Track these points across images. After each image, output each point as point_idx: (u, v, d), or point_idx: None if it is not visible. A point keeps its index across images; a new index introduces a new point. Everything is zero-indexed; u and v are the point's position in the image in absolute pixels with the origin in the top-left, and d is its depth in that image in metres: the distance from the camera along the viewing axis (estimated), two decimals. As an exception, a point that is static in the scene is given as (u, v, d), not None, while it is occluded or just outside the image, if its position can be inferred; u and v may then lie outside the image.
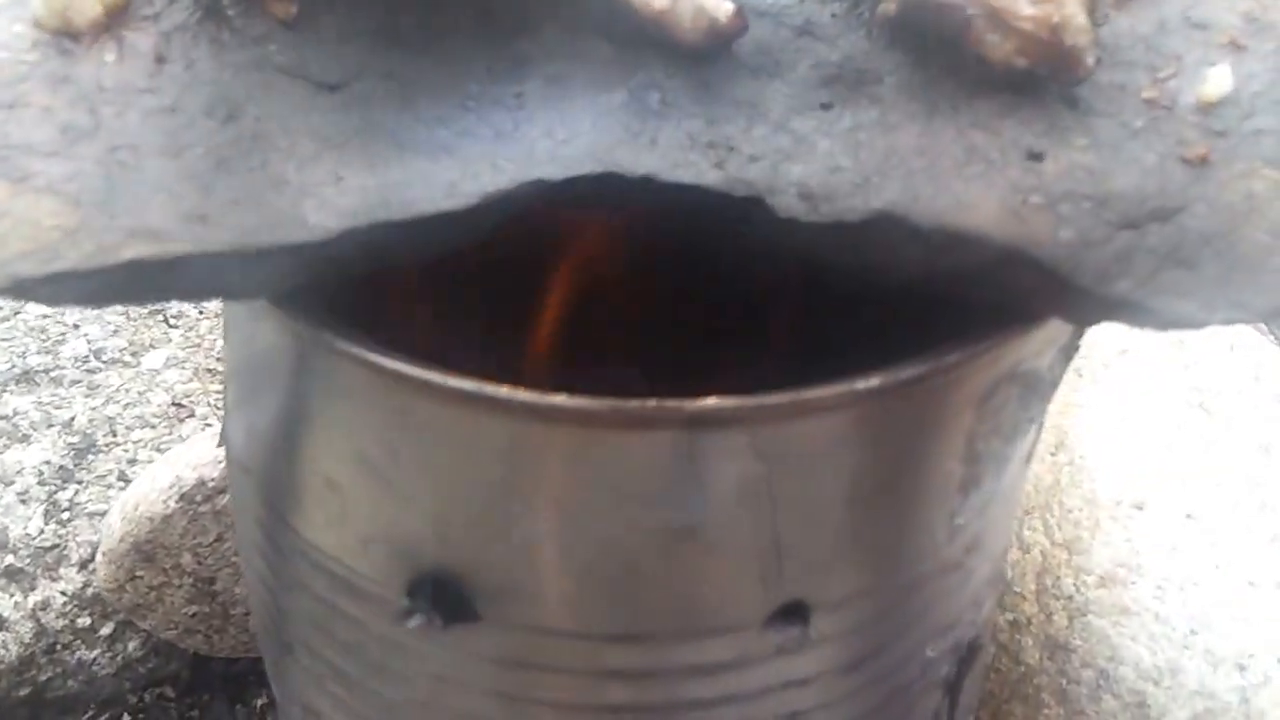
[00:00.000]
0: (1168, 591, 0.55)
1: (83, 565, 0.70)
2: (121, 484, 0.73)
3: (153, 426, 0.75)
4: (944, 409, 0.41)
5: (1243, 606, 0.54)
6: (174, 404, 0.76)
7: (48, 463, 0.74)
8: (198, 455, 0.66)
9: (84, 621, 0.69)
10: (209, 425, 0.76)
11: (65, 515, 0.72)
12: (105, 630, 0.69)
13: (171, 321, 0.84)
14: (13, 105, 0.37)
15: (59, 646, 0.68)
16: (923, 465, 0.42)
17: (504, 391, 0.34)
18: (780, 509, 0.39)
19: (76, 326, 0.81)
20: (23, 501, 0.72)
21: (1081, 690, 0.54)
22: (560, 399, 0.34)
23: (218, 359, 0.78)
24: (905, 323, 0.43)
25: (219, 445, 0.65)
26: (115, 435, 0.76)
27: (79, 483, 0.73)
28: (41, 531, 0.71)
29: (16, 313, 0.82)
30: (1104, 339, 0.68)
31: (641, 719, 0.43)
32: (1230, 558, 0.56)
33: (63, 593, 0.69)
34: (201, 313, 0.84)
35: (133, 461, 0.74)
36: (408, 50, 0.40)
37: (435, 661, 0.43)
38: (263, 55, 0.39)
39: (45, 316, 0.82)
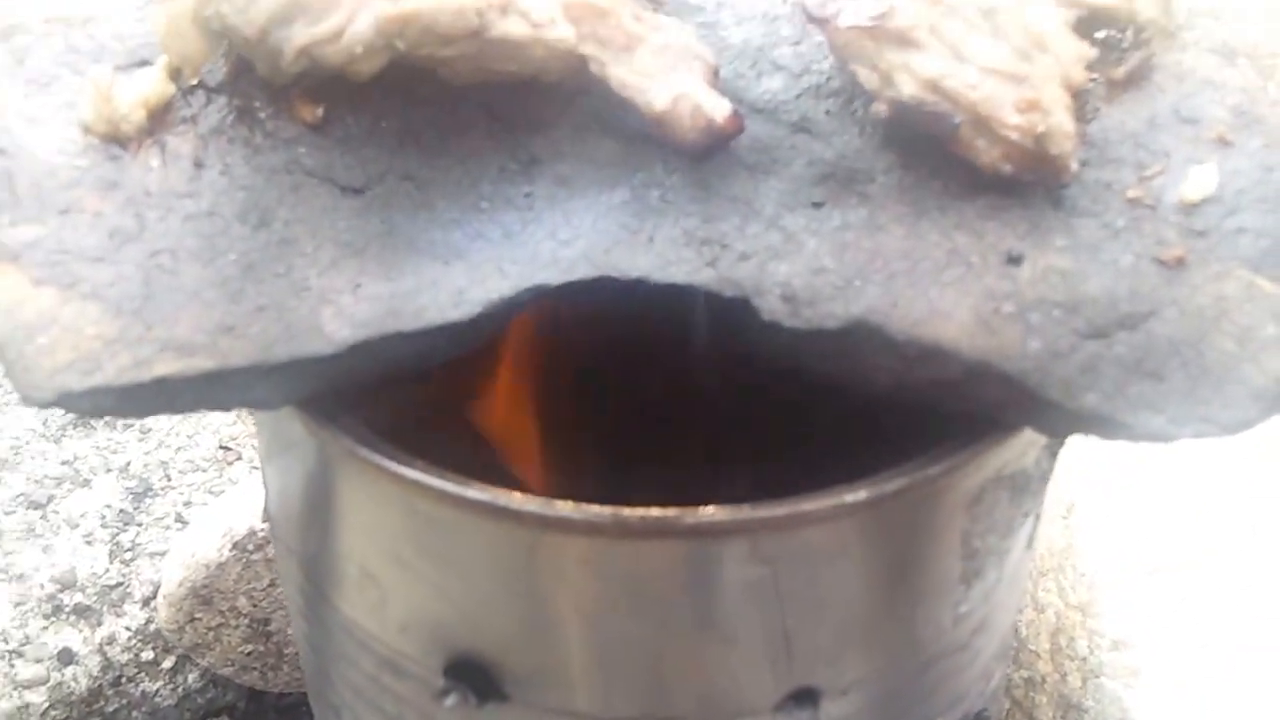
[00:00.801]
0: (1180, 656, 0.59)
1: (145, 602, 0.78)
2: (178, 525, 0.81)
3: (203, 470, 0.83)
4: (935, 514, 0.45)
5: (1256, 673, 0.58)
6: (221, 447, 0.85)
7: (109, 506, 0.83)
8: (247, 503, 0.74)
9: (147, 655, 0.77)
10: (255, 469, 0.83)
11: (128, 555, 0.80)
12: (167, 664, 0.77)
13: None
14: (67, 210, 0.43)
15: (124, 679, 0.77)
16: (922, 563, 0.47)
17: (515, 501, 0.40)
18: (787, 605, 0.44)
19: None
20: (88, 543, 0.81)
21: (1091, 751, 0.58)
22: (567, 509, 0.40)
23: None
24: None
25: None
26: (169, 479, 0.84)
27: (139, 525, 0.82)
28: (107, 570, 0.80)
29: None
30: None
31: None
32: (1243, 623, 0.59)
33: (127, 628, 0.77)
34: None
35: (188, 504, 0.83)
36: (426, 151, 0.46)
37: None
38: (292, 158, 0.45)
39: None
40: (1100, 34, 0.50)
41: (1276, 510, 0.65)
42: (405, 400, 0.49)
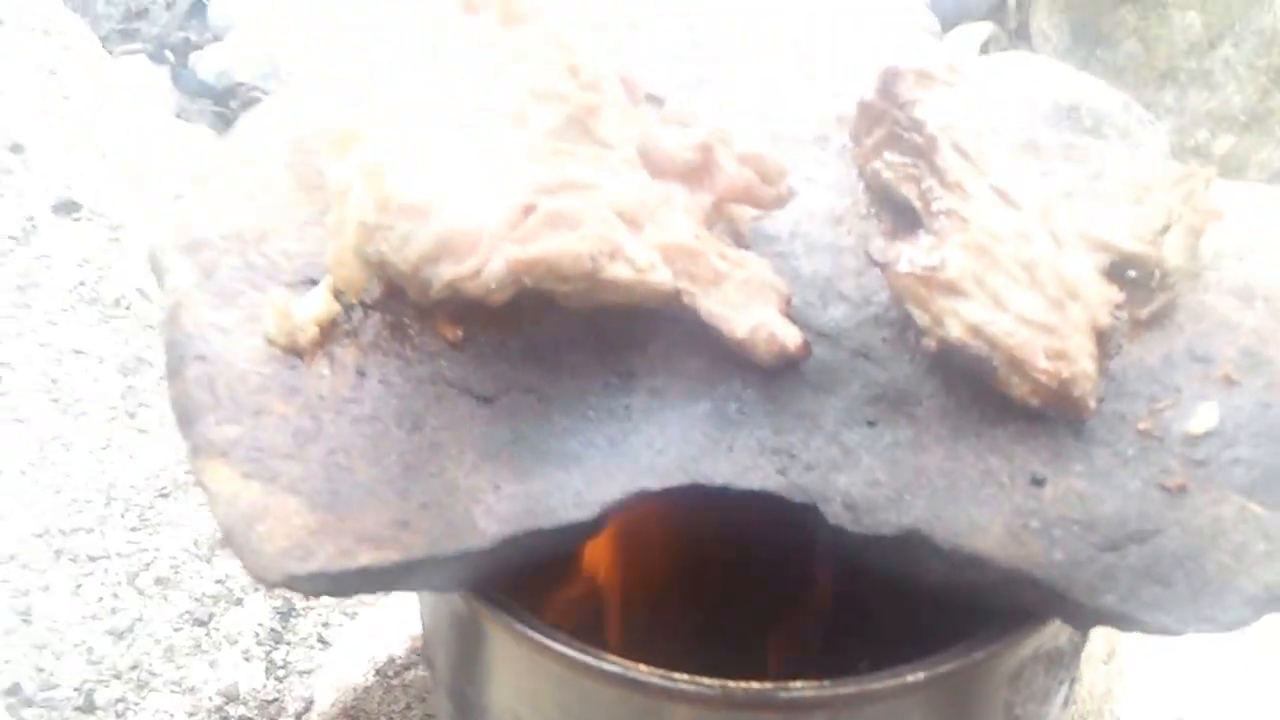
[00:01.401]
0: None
1: (297, 717, 0.91)
2: (321, 645, 0.94)
3: None
4: (982, 689, 0.55)
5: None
6: None
7: (260, 625, 0.96)
8: (383, 629, 0.88)
9: None
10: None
11: (281, 673, 0.93)
12: None
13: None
14: (259, 412, 0.55)
15: None
16: None
17: (641, 673, 0.51)
18: None
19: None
20: (246, 659, 0.94)
21: None
22: (684, 681, 0.50)
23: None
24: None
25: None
26: (309, 600, 0.97)
27: (287, 644, 0.95)
28: (264, 686, 0.93)
29: None
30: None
31: None
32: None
33: None
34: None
35: (326, 625, 0.96)
36: (545, 366, 0.57)
37: None
38: (437, 370, 0.56)
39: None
40: (1131, 273, 0.60)
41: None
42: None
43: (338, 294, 0.59)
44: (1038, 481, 0.52)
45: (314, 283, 0.60)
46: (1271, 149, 1.58)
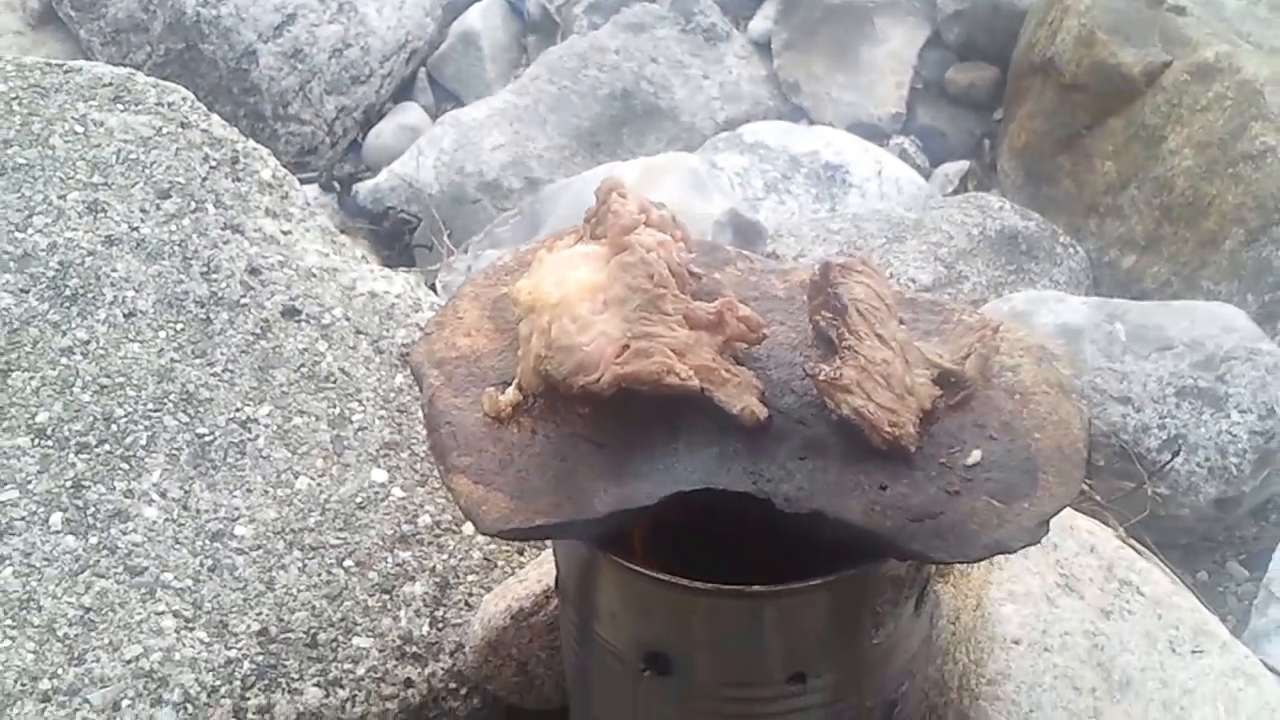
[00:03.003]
0: (1035, 691, 1.18)
1: (451, 654, 1.46)
2: (467, 608, 1.47)
3: (476, 573, 1.50)
4: (860, 592, 1.09)
5: None
6: (484, 559, 1.50)
7: (426, 593, 1.51)
8: (512, 591, 1.39)
9: (452, 686, 1.41)
10: (506, 574, 1.48)
11: (440, 624, 1.48)
12: (463, 691, 1.42)
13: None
14: (480, 451, 1.09)
15: (441, 698, 1.42)
16: (854, 615, 1.09)
17: (683, 580, 1.04)
18: (792, 631, 1.07)
19: (421, 505, 1.56)
20: (417, 616, 1.50)
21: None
22: (696, 584, 1.04)
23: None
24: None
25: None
26: (459, 577, 1.51)
27: (444, 606, 1.50)
28: (429, 633, 1.48)
29: (387, 497, 1.58)
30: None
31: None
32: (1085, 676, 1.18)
33: (442, 668, 1.43)
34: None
35: (470, 594, 1.50)
36: (630, 427, 1.10)
37: (655, 699, 1.11)
38: (574, 430, 1.10)
39: (404, 497, 1.57)
40: (952, 379, 1.12)
41: (1104, 612, 1.24)
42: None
43: (521, 389, 1.12)
44: (883, 487, 1.05)
45: (507, 384, 1.14)
46: (1161, 265, 2.09)
